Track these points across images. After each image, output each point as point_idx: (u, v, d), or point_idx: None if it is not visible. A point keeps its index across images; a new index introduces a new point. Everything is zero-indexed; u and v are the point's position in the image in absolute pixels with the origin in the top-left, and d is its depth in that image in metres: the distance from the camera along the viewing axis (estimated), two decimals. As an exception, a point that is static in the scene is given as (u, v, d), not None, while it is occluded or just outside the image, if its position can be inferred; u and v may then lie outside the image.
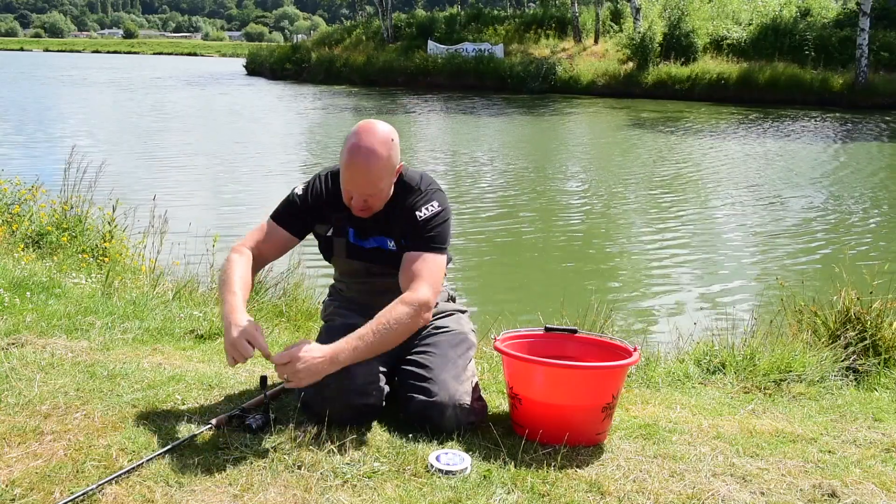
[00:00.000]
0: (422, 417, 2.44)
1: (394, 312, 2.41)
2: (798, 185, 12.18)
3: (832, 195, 11.44)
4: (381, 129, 2.49)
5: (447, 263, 2.65)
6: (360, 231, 2.66)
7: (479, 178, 12.39)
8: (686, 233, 9.10)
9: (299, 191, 2.68)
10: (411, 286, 2.48)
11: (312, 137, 18.45)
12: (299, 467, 2.18)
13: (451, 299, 2.89)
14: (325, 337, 2.68)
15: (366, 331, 2.38)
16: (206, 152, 14.81)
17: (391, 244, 2.65)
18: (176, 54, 74.68)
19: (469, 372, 2.60)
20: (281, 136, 18.17)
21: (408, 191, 2.61)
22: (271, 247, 2.66)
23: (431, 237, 2.56)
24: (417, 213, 2.57)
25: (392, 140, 2.49)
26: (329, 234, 2.69)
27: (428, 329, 2.68)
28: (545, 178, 13.02)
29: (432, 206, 2.58)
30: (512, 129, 19.95)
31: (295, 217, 2.67)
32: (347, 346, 2.35)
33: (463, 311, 2.87)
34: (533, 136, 18.86)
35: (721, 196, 11.30)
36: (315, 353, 2.32)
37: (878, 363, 3.58)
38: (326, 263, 2.83)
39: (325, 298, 2.96)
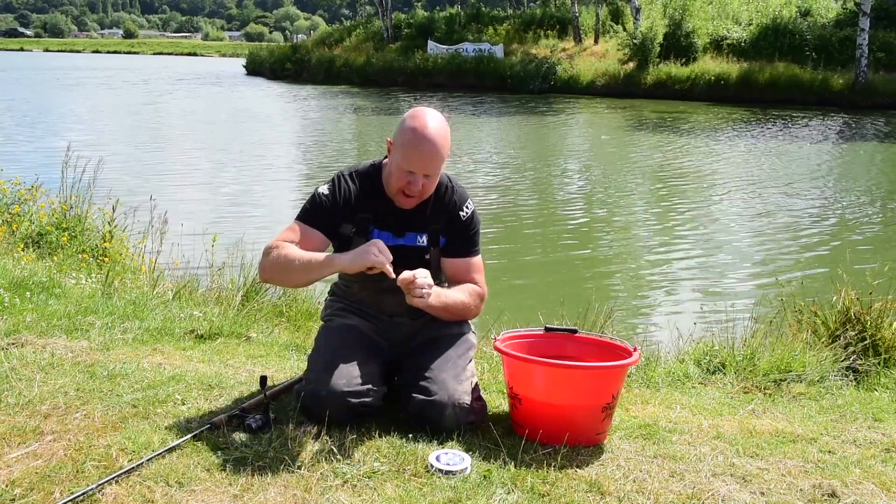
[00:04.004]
0: (421, 417, 2.44)
1: (469, 295, 2.65)
2: (798, 184, 12.18)
3: (832, 195, 11.44)
4: (439, 114, 2.58)
5: None
6: (394, 227, 2.63)
7: (478, 178, 12.38)
8: (686, 232, 9.10)
9: (324, 191, 2.61)
10: (477, 284, 2.71)
11: (313, 137, 18.44)
12: (299, 467, 2.18)
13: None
14: (324, 337, 2.68)
15: (448, 296, 2.58)
16: (207, 152, 14.81)
17: (421, 239, 2.65)
18: (176, 54, 74.55)
19: (469, 372, 2.60)
20: (281, 135, 18.16)
21: (439, 184, 2.65)
22: (308, 248, 2.53)
23: (474, 241, 2.73)
24: (461, 212, 2.68)
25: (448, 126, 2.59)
26: (352, 233, 2.63)
27: (428, 329, 2.68)
28: (545, 178, 13.02)
29: (468, 205, 2.70)
30: (512, 129, 19.95)
31: (325, 218, 2.59)
32: (438, 293, 2.53)
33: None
34: (533, 135, 18.86)
35: (721, 196, 11.30)
36: (430, 279, 2.47)
37: (878, 363, 3.58)
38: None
39: (328, 297, 2.90)
